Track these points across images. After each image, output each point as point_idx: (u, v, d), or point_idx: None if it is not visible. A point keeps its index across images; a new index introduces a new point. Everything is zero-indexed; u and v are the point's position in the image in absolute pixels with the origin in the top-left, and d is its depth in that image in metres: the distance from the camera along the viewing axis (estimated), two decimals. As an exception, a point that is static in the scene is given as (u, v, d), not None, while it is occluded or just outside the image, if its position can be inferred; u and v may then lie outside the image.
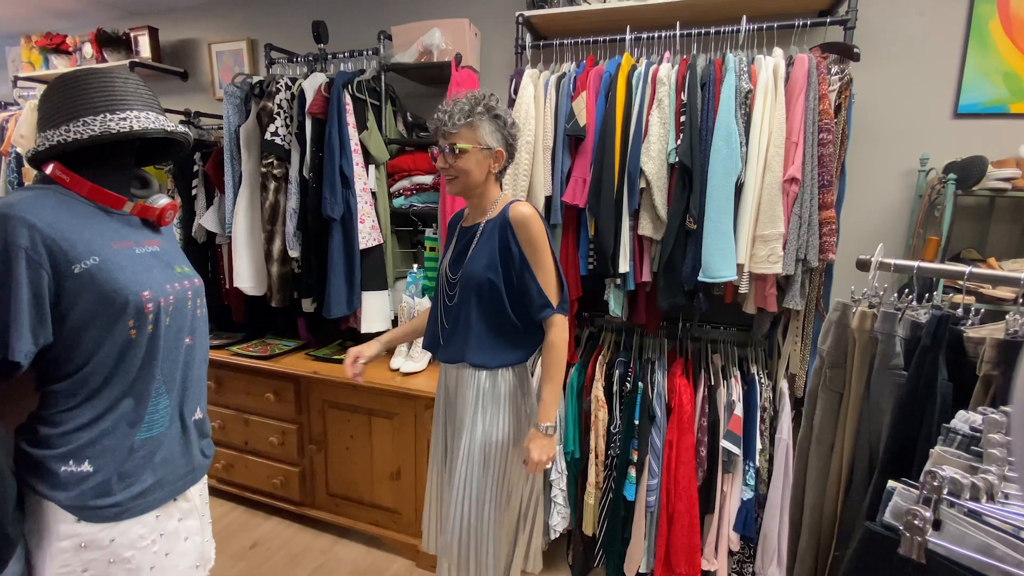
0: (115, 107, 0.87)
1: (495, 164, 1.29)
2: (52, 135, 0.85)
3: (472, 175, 1.27)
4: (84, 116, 0.85)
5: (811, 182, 1.51)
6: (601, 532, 1.84)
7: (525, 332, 1.33)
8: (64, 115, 0.86)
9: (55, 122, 0.86)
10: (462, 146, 1.24)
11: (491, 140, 1.26)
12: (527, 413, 1.38)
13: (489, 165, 1.28)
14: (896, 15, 1.77)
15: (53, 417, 0.84)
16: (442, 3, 2.31)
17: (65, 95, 0.87)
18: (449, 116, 1.24)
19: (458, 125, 1.24)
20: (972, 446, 0.62)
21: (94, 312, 0.83)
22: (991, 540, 0.46)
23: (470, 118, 1.23)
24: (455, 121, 1.23)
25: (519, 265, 1.27)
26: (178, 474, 0.96)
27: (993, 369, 0.75)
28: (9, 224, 0.77)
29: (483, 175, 1.28)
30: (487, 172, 1.29)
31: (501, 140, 1.28)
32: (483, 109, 1.25)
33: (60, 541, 0.83)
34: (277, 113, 2.01)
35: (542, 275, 1.27)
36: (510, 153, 1.32)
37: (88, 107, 0.86)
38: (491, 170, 1.29)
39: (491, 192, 1.33)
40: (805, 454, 1.01)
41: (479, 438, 1.30)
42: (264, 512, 2.31)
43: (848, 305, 0.91)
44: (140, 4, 2.86)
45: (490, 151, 1.27)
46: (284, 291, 2.13)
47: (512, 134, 1.30)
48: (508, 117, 1.29)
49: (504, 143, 1.29)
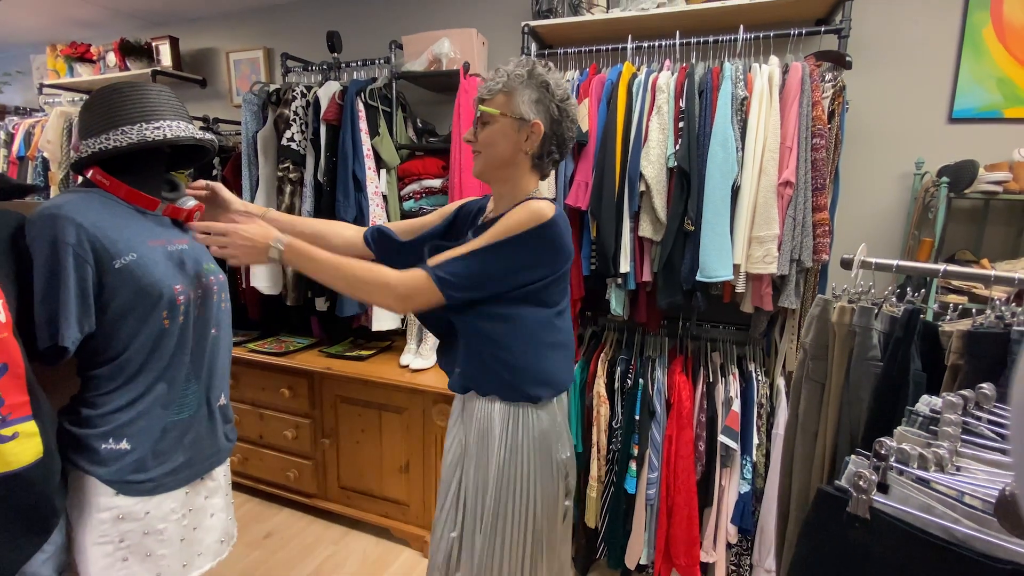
0: (149, 117, 0.95)
1: (529, 141, 1.02)
2: (93, 143, 0.93)
3: (496, 149, 1.02)
4: (122, 125, 0.94)
5: (805, 185, 1.56)
6: (603, 525, 1.90)
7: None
8: (104, 124, 0.94)
9: (95, 131, 0.94)
10: (488, 110, 1.01)
11: (527, 110, 1.00)
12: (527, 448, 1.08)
13: (520, 141, 1.02)
14: (891, 23, 1.83)
15: (94, 399, 0.92)
16: (451, 14, 2.39)
17: (105, 107, 0.95)
18: (490, 80, 1.03)
19: (494, 90, 1.02)
20: (931, 426, 0.68)
21: (132, 304, 0.91)
22: (932, 501, 0.52)
23: (509, 81, 1.01)
24: (492, 86, 1.02)
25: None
26: (205, 455, 1.04)
27: (959, 359, 0.81)
28: (58, 223, 0.85)
29: (511, 152, 1.02)
30: (517, 150, 1.02)
31: (544, 113, 1.01)
32: (526, 74, 1.01)
33: (100, 513, 0.91)
34: (293, 120, 2.10)
35: (465, 249, 0.99)
36: (557, 135, 1.04)
37: (126, 118, 0.94)
38: (523, 149, 1.02)
39: (523, 181, 1.05)
40: (791, 442, 1.06)
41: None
42: (278, 504, 2.40)
43: (829, 300, 0.97)
44: (162, 15, 2.98)
45: (524, 123, 1.00)
46: (299, 290, 2.22)
47: (563, 110, 1.02)
48: (561, 91, 1.03)
49: (547, 117, 1.02)
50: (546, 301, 1.06)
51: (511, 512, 1.07)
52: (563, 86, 1.04)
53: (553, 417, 1.11)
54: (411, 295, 0.98)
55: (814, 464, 1.02)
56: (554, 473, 1.10)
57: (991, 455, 0.63)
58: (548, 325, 1.07)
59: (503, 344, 1.04)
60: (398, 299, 0.99)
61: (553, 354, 1.09)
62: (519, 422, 1.06)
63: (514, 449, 1.06)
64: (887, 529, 0.50)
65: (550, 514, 1.10)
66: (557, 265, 1.04)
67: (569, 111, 1.04)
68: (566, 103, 1.04)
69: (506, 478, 1.06)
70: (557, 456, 1.10)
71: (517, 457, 1.06)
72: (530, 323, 1.05)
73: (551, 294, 1.06)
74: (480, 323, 1.04)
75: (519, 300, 1.03)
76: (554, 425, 1.10)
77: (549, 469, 1.09)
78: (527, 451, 1.06)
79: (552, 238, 1.00)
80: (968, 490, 0.55)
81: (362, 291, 1.00)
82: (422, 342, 2.15)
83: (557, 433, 1.11)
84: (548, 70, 1.03)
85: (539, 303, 1.05)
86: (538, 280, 1.02)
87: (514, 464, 1.06)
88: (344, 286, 1.01)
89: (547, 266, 1.02)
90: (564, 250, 1.03)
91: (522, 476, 1.06)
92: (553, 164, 1.09)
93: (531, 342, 1.05)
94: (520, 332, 1.04)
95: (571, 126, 1.06)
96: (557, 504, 1.12)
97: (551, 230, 0.99)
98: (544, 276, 1.02)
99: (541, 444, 1.07)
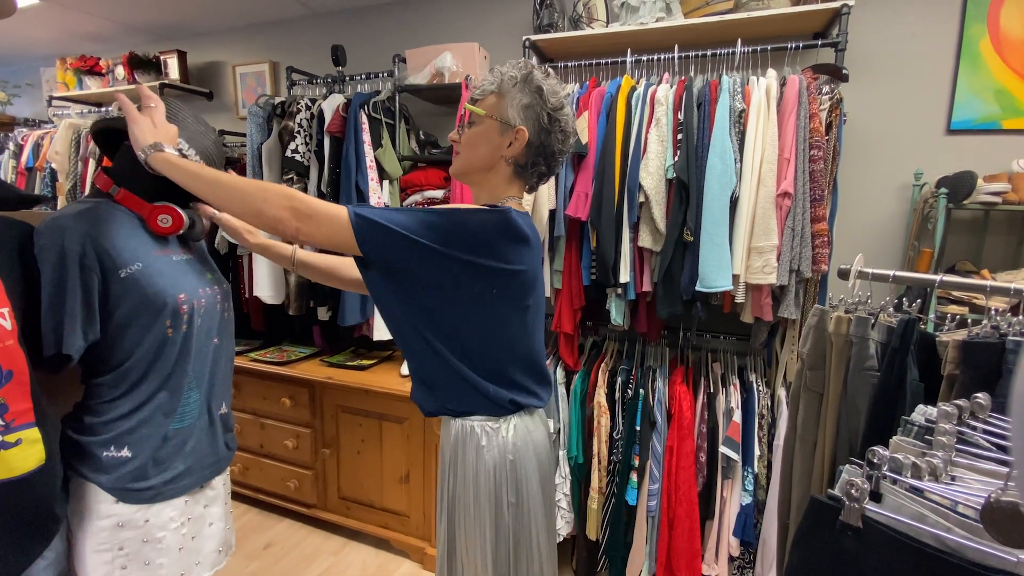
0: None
1: (511, 148, 0.95)
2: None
3: (476, 152, 0.97)
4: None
5: (803, 196, 1.57)
6: (604, 537, 1.88)
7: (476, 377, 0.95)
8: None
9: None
10: (475, 110, 0.97)
11: (514, 115, 0.94)
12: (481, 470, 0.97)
13: (502, 146, 0.96)
14: (888, 37, 1.85)
15: (97, 407, 0.93)
16: (454, 29, 2.43)
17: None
18: (484, 80, 0.99)
19: (486, 90, 0.97)
20: (927, 435, 0.68)
21: (136, 312, 0.92)
22: (924, 510, 0.52)
23: (502, 83, 0.96)
24: (485, 86, 0.97)
25: None
26: (205, 463, 1.05)
27: (955, 369, 0.81)
28: (67, 233, 0.86)
29: (490, 156, 0.96)
30: (497, 155, 0.96)
31: (532, 120, 0.94)
32: (521, 77, 0.95)
33: (100, 520, 0.91)
34: (297, 132, 2.13)
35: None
36: (544, 146, 0.96)
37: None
38: (504, 154, 0.96)
39: (501, 187, 0.99)
40: (790, 453, 1.06)
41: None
42: (278, 514, 2.39)
43: (826, 310, 0.97)
44: (170, 29, 3.04)
45: (509, 128, 0.94)
46: (301, 300, 2.24)
47: (555, 119, 0.95)
48: (555, 100, 0.95)
49: (535, 125, 0.95)
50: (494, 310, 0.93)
51: (459, 542, 1.00)
52: (559, 94, 0.96)
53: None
54: (313, 214, 0.83)
55: (813, 475, 1.02)
56: (496, 506, 0.97)
57: (986, 464, 0.63)
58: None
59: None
60: (294, 212, 0.83)
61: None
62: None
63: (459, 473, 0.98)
64: (879, 538, 0.51)
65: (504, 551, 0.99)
66: (499, 252, 0.89)
67: (562, 122, 0.96)
68: (559, 112, 0.96)
69: (454, 502, 0.99)
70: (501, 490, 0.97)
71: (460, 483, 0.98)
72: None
73: (499, 303, 0.93)
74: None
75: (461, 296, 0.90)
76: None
77: (491, 501, 0.96)
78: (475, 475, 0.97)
79: (497, 223, 0.88)
80: (961, 499, 0.55)
81: (255, 197, 0.84)
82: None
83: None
84: (547, 76, 0.97)
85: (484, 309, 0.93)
86: (472, 259, 0.88)
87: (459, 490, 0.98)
88: (233, 191, 0.85)
89: (485, 247, 0.88)
90: (512, 238, 0.90)
91: (464, 504, 0.97)
92: (539, 177, 1.01)
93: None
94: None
95: (562, 139, 0.98)
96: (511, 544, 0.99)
97: (498, 216, 0.88)
98: (479, 258, 0.88)
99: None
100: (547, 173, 1.02)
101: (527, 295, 0.98)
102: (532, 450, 1.00)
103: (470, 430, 0.97)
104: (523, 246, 0.93)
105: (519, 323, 0.98)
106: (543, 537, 1.04)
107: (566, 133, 0.99)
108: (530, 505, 1.00)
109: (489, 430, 0.97)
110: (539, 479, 1.02)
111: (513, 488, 0.97)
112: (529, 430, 1.00)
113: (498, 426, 0.97)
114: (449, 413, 0.99)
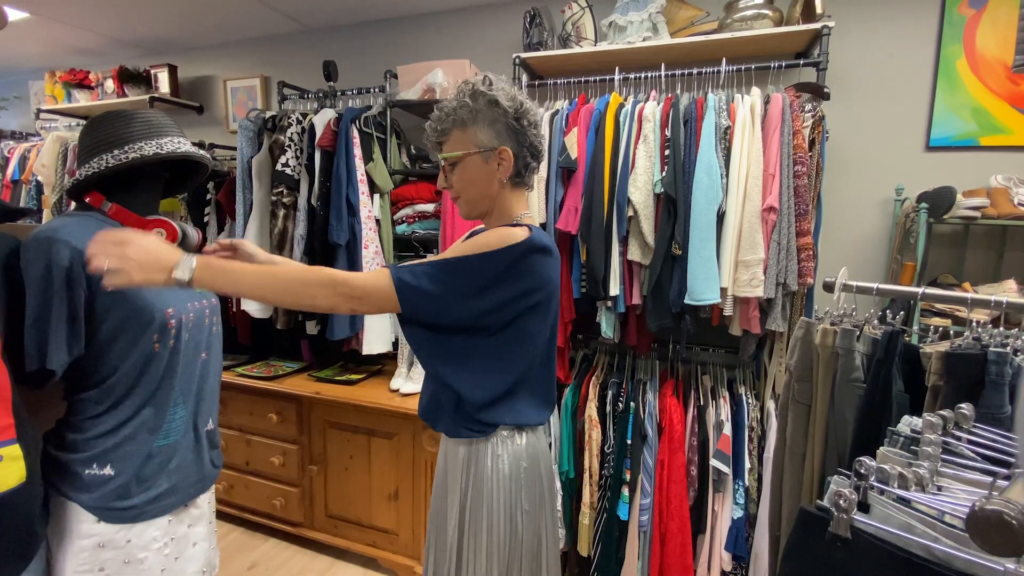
0: (153, 136, 0.97)
1: (502, 168, 0.96)
2: (97, 162, 0.94)
3: (475, 189, 0.97)
4: (129, 143, 0.95)
5: (788, 210, 1.60)
6: (595, 553, 1.87)
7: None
8: (109, 143, 0.95)
9: (100, 150, 0.95)
10: (450, 155, 0.96)
11: (488, 138, 0.94)
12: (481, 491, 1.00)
13: (493, 171, 0.96)
14: (867, 57, 1.90)
15: (80, 423, 0.91)
16: (444, 45, 2.46)
17: (108, 127, 0.96)
18: (436, 121, 0.97)
19: (447, 129, 0.96)
20: (912, 446, 0.69)
21: (123, 326, 0.91)
22: (912, 520, 0.53)
23: (457, 116, 0.95)
24: (443, 126, 0.96)
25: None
26: (190, 481, 1.03)
27: (939, 379, 0.82)
28: (53, 247, 0.86)
29: (488, 185, 0.97)
30: (493, 181, 0.97)
31: (505, 133, 0.95)
32: (469, 99, 0.94)
33: (81, 540, 0.89)
34: (288, 145, 2.13)
35: (434, 257, 0.95)
36: (527, 147, 0.97)
37: (131, 136, 0.96)
38: (499, 177, 0.97)
39: (508, 205, 1.00)
40: (780, 466, 1.07)
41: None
42: (263, 533, 2.34)
43: (812, 323, 0.99)
44: (162, 44, 3.04)
45: (491, 152, 0.95)
46: (289, 313, 2.22)
47: (521, 119, 0.95)
48: (513, 102, 0.95)
49: (510, 137, 0.95)
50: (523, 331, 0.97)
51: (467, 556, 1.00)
52: (513, 96, 0.96)
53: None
54: (364, 296, 0.86)
55: (803, 487, 1.02)
56: (509, 517, 0.99)
57: (971, 474, 0.64)
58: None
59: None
60: (345, 298, 0.86)
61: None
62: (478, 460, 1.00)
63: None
64: (868, 548, 0.51)
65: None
66: (523, 285, 0.92)
67: (528, 118, 0.97)
68: (521, 110, 0.96)
69: (464, 511, 1.00)
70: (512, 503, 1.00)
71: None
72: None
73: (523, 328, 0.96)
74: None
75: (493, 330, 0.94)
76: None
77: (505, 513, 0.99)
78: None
79: (526, 248, 0.91)
80: (948, 509, 0.56)
81: (305, 294, 0.86)
82: (413, 365, 2.14)
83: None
84: (489, 86, 0.95)
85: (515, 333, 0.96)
86: (503, 304, 0.92)
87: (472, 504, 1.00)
88: (283, 293, 0.86)
89: (511, 287, 0.91)
90: (535, 274, 0.94)
91: (476, 513, 0.99)
92: (533, 172, 1.02)
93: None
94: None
95: (535, 132, 0.98)
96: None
97: (519, 249, 0.90)
98: (508, 300, 0.92)
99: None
100: (537, 165, 1.03)
101: (551, 304, 1.01)
102: (540, 460, 1.05)
103: (485, 439, 1.00)
104: (548, 257, 0.97)
105: (542, 336, 1.01)
106: (551, 546, 1.08)
107: (535, 124, 0.99)
108: (544, 513, 1.04)
109: (504, 438, 1.00)
110: (548, 488, 1.07)
111: (527, 496, 1.00)
112: (538, 439, 1.05)
113: (511, 435, 1.01)
114: (470, 434, 1.00)
